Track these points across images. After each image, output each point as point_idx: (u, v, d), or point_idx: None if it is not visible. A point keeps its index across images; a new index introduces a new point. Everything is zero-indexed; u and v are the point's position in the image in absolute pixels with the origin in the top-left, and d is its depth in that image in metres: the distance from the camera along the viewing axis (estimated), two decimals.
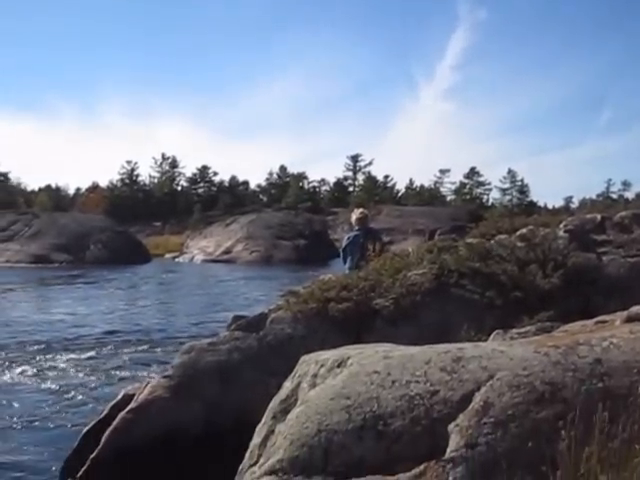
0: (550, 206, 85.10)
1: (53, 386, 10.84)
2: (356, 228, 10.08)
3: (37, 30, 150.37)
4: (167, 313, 20.53)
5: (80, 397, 10.24)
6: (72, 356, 13.26)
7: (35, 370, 12.02)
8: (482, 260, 7.18)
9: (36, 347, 14.24)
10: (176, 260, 50.18)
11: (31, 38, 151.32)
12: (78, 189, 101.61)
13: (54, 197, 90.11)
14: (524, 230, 8.07)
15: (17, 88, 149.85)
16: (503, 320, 6.31)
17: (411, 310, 6.79)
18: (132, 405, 6.24)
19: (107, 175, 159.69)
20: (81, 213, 67.06)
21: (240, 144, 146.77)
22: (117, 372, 11.81)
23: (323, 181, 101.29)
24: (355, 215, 10.23)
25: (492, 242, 7.86)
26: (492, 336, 5.56)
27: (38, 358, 13.05)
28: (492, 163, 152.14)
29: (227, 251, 48.91)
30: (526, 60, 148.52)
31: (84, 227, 48.63)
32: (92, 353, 13.56)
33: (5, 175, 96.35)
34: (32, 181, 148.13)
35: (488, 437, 3.19)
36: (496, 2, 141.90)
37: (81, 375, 11.62)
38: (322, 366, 3.92)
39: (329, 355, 4.02)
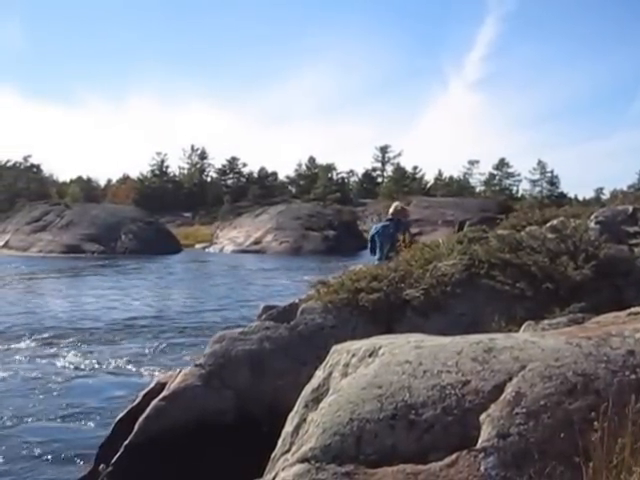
0: (580, 197, 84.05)
1: (86, 373, 11.01)
2: (387, 218, 10.13)
3: (67, 21, 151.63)
4: (197, 302, 20.67)
5: (113, 384, 10.38)
6: (104, 344, 13.46)
7: (68, 358, 12.20)
8: (513, 251, 7.15)
9: (68, 335, 14.46)
10: (206, 250, 50.48)
11: (61, 29, 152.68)
12: (109, 180, 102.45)
13: (85, 188, 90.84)
14: (555, 221, 8.01)
15: (48, 80, 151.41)
16: (534, 311, 6.29)
17: (441, 301, 6.79)
18: (164, 393, 6.31)
19: (137, 166, 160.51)
20: (112, 204, 67.61)
21: (269, 135, 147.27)
22: (149, 360, 11.95)
23: (352, 172, 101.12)
24: (393, 206, 10.32)
25: (523, 233, 7.81)
26: (523, 327, 5.55)
27: (70, 346, 13.24)
28: (522, 154, 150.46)
29: (257, 242, 49.09)
30: (555, 51, 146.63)
31: (115, 218, 49.06)
32: (124, 341, 13.74)
33: (38, 167, 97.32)
34: (64, 172, 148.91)
35: (520, 427, 3.19)
36: None
37: (113, 363, 11.77)
38: (354, 356, 3.94)
39: (360, 345, 4.04)
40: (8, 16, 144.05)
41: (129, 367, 11.44)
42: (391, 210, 10.32)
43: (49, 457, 7.59)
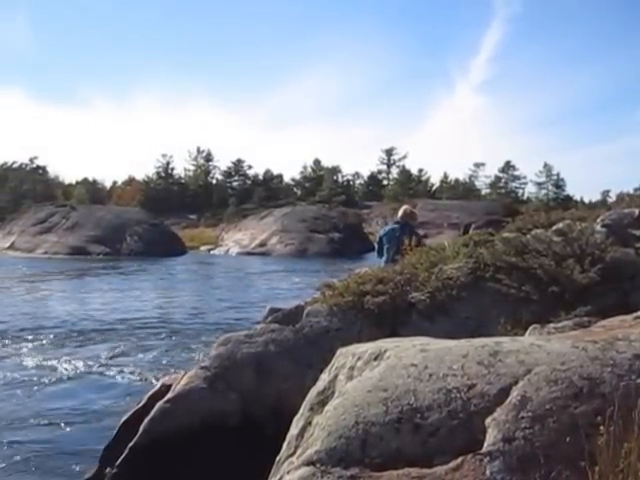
0: (587, 200, 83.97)
1: (90, 375, 11.01)
2: (395, 221, 10.15)
3: (71, 21, 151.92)
4: (202, 304, 20.69)
5: (117, 386, 10.39)
6: (108, 346, 13.47)
7: (71, 359, 12.21)
8: (518, 254, 7.14)
9: (72, 336, 14.50)
10: (211, 252, 50.53)
11: (66, 29, 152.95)
12: (114, 182, 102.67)
13: (91, 190, 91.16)
14: (561, 224, 8.00)
15: (53, 80, 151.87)
16: (540, 315, 6.28)
17: (447, 304, 6.79)
18: (169, 395, 6.32)
19: (143, 168, 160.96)
20: (117, 206, 67.78)
21: (275, 137, 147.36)
22: (153, 362, 11.96)
23: (357, 175, 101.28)
24: (402, 209, 10.34)
25: (528, 236, 7.80)
26: (529, 331, 5.53)
27: (74, 347, 13.28)
28: (528, 157, 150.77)
29: (262, 244, 49.11)
30: (561, 53, 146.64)
31: (120, 219, 49.16)
32: (127, 343, 13.75)
33: (43, 168, 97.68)
34: (70, 174, 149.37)
35: (525, 431, 3.19)
36: None
37: (118, 364, 11.78)
38: (359, 359, 3.93)
39: (366, 348, 4.04)
40: (13, 16, 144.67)
41: (133, 369, 11.45)
42: (400, 213, 10.34)
43: (53, 459, 7.61)
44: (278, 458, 3.88)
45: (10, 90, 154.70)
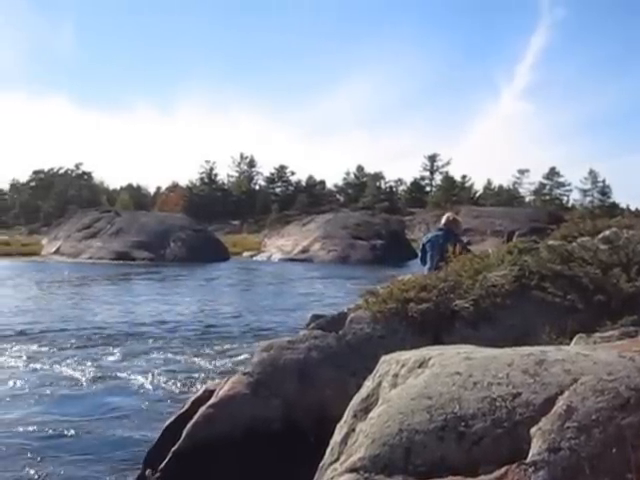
0: (633, 208, 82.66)
1: (134, 380, 11.11)
2: (438, 228, 10.13)
3: (117, 30, 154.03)
4: (244, 310, 20.78)
5: (160, 391, 10.48)
6: (148, 350, 13.60)
7: (115, 364, 12.36)
8: (564, 262, 7.06)
9: (115, 341, 14.65)
10: (254, 258, 50.77)
11: (112, 38, 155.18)
12: (158, 188, 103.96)
13: (135, 196, 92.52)
14: (607, 232, 7.90)
15: (99, 88, 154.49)
16: (585, 324, 6.20)
17: (491, 312, 6.74)
18: (212, 400, 6.35)
19: (186, 174, 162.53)
20: (161, 212, 68.50)
21: (318, 144, 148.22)
22: (196, 367, 12.03)
23: (400, 181, 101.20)
24: (445, 217, 10.31)
25: (574, 244, 7.72)
26: (574, 340, 5.47)
27: (117, 352, 13.41)
28: (572, 163, 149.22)
29: (304, 250, 49.22)
30: (607, 57, 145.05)
31: (164, 225, 49.70)
32: (171, 348, 13.86)
33: (89, 174, 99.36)
34: (114, 180, 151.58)
35: (571, 442, 3.16)
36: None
37: (160, 369, 11.88)
38: (403, 366, 3.93)
39: (410, 355, 4.04)
40: (58, 24, 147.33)
41: (173, 373, 11.53)
42: (443, 220, 10.31)
43: (96, 461, 7.68)
44: (321, 464, 3.89)
45: (56, 97, 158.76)
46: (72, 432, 8.54)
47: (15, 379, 11.08)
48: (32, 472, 7.28)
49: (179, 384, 10.85)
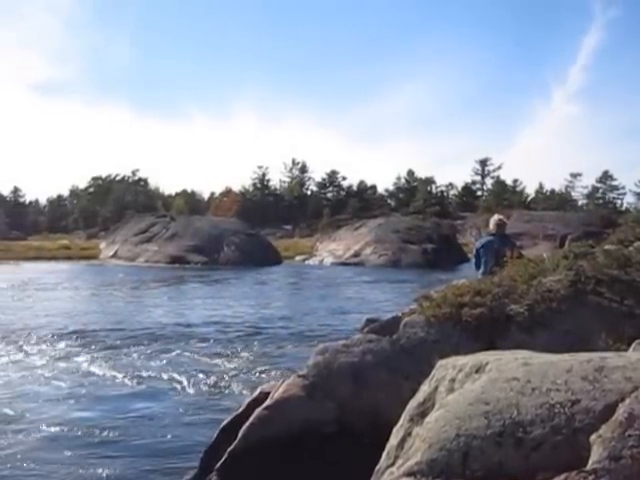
0: None
1: (190, 381, 11.24)
2: (491, 233, 10.01)
3: (173, 39, 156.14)
4: (297, 313, 20.86)
5: (217, 392, 10.59)
6: (209, 352, 13.74)
7: (171, 365, 12.52)
8: (621, 267, 6.95)
9: (171, 343, 14.86)
10: (306, 262, 50.92)
11: (167, 47, 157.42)
12: (212, 193, 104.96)
13: (190, 201, 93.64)
14: None
15: (155, 95, 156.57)
16: None
17: (546, 317, 6.65)
18: (268, 402, 6.40)
19: (239, 179, 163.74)
20: (215, 216, 69.15)
21: (368, 149, 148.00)
22: (250, 369, 12.11)
23: (451, 185, 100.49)
24: (493, 220, 10.17)
25: (631, 249, 7.60)
26: (633, 346, 5.37)
27: (174, 353, 13.59)
28: (626, 166, 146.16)
29: (356, 254, 49.18)
30: None
31: (218, 230, 50.12)
32: (227, 350, 13.99)
33: (145, 180, 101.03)
34: (169, 185, 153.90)
35: (633, 450, 3.10)
36: None
37: (216, 371, 12.00)
38: (460, 371, 3.92)
39: (467, 360, 4.02)
40: (117, 34, 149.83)
41: (231, 375, 11.63)
42: (491, 225, 10.18)
43: (151, 460, 7.80)
44: (377, 468, 3.90)
45: (114, 105, 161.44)
46: (120, 432, 8.69)
47: (65, 380, 11.34)
48: (87, 472, 7.42)
49: (230, 385, 10.95)
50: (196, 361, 12.91)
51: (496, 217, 10.42)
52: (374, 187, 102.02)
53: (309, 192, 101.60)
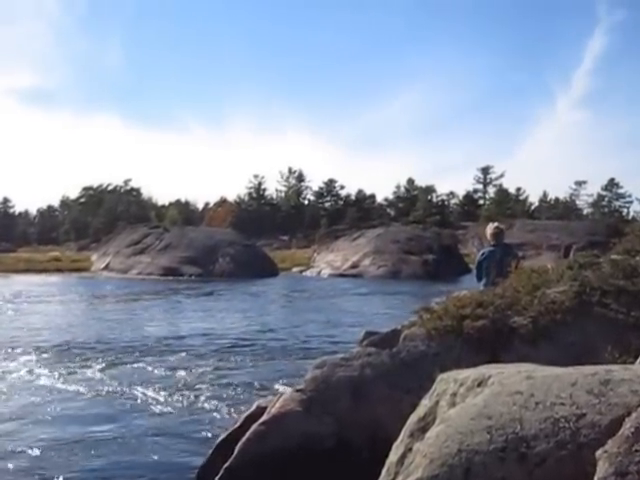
0: None
1: (184, 396, 11.13)
2: (492, 243, 9.90)
3: (165, 47, 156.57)
4: (295, 326, 20.75)
5: (211, 408, 10.47)
6: (201, 366, 13.63)
7: (164, 380, 12.41)
8: (627, 278, 6.87)
9: (165, 357, 14.75)
10: (303, 274, 50.73)
11: (159, 55, 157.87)
12: (206, 203, 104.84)
13: (183, 211, 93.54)
14: None
15: (147, 104, 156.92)
16: None
17: (550, 329, 6.57)
18: (265, 417, 6.33)
19: (234, 189, 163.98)
20: (209, 227, 69.05)
21: (366, 157, 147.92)
22: (246, 384, 12.00)
23: (452, 194, 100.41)
24: (490, 230, 10.04)
25: (638, 258, 7.52)
26: (639, 359, 5.30)
27: (167, 368, 13.47)
28: (633, 174, 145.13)
29: (354, 265, 49.02)
30: None
31: (213, 241, 49.96)
32: (221, 364, 13.92)
33: (137, 190, 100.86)
34: (163, 195, 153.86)
35: (639, 466, 3.03)
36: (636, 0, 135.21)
37: (211, 386, 11.89)
38: (461, 385, 3.85)
39: (468, 374, 3.95)
40: (108, 43, 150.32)
41: (226, 390, 11.53)
42: (488, 235, 10.04)
43: (148, 476, 7.71)
44: None
45: (105, 114, 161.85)
46: (116, 449, 8.57)
47: (56, 396, 11.23)
48: None
49: (229, 400, 10.84)
50: (188, 376, 12.78)
51: (492, 225, 10.21)
52: (373, 196, 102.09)
53: (306, 202, 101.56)
